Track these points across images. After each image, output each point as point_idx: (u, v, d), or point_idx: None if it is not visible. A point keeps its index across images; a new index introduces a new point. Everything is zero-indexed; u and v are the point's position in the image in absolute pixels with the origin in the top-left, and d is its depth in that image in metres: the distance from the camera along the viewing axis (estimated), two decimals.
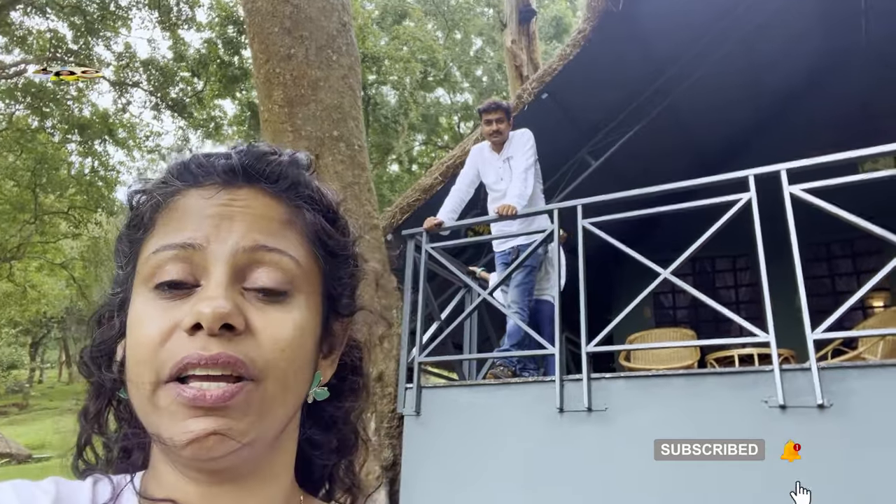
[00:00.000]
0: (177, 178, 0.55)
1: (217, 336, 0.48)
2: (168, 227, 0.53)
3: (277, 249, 0.52)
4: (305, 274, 0.54)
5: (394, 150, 19.86)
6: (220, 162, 0.55)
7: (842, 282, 8.06)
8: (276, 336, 0.50)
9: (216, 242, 0.51)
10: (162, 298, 0.50)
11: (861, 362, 3.34)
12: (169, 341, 0.49)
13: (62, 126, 15.36)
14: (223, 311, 0.48)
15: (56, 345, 39.12)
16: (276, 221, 0.54)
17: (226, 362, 0.48)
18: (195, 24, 14.86)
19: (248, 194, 0.54)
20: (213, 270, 0.50)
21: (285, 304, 0.52)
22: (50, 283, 23.18)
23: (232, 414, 0.48)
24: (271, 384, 0.50)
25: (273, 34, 4.73)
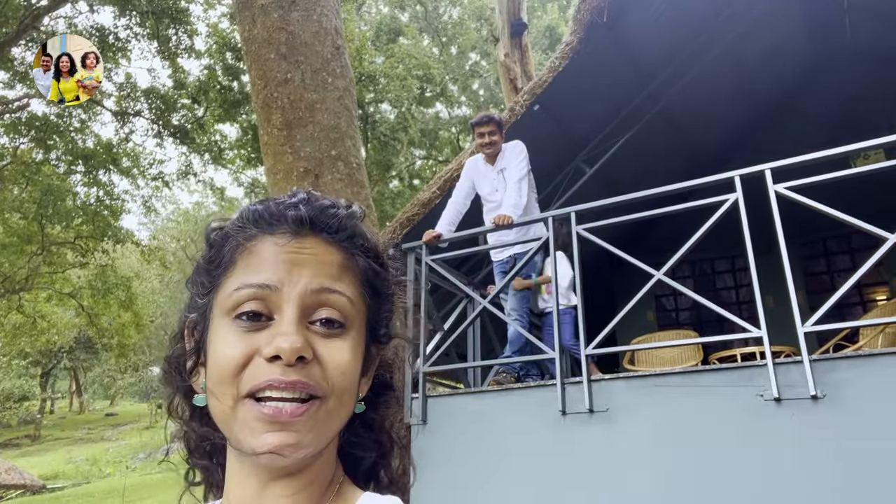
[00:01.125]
0: (252, 225, 0.67)
1: (293, 366, 0.60)
2: (248, 268, 0.64)
3: (337, 291, 0.64)
4: (356, 310, 0.66)
5: (394, 166, 20.02)
6: (290, 213, 0.66)
7: (840, 278, 8.11)
8: (337, 363, 0.63)
9: (288, 285, 0.63)
10: (241, 327, 0.62)
11: (851, 353, 3.41)
12: (249, 365, 0.61)
13: (66, 158, 15.56)
14: (298, 346, 0.60)
15: (66, 375, 39.21)
16: (336, 266, 0.66)
17: (302, 386, 0.60)
18: (194, 53, 15.10)
19: (313, 242, 0.66)
20: (286, 308, 0.62)
21: (343, 336, 0.64)
22: (59, 312, 23.33)
23: (301, 428, 0.60)
24: (333, 401, 0.62)
25: (269, 60, 4.89)
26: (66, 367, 35.82)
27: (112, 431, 27.91)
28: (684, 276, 8.29)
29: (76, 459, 20.41)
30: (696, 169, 7.67)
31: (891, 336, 4.97)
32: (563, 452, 3.76)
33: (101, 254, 17.52)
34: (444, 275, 4.70)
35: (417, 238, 4.90)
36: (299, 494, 0.65)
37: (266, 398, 0.59)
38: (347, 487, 0.70)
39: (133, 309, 19.51)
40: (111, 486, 15.33)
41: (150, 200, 18.81)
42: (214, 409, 0.63)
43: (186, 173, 16.91)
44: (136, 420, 30.38)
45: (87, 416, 34.39)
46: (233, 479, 0.66)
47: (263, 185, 19.65)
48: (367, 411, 0.74)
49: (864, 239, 7.83)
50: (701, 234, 3.76)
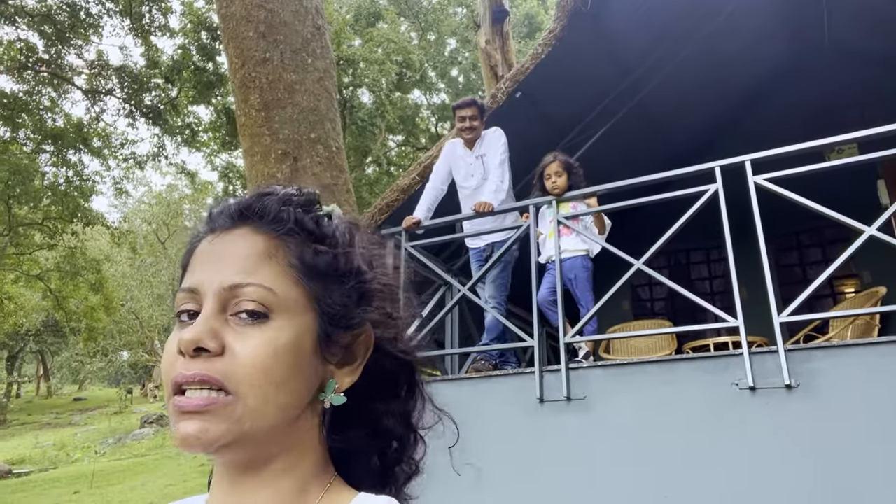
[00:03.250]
0: (204, 225, 0.69)
1: (195, 357, 0.59)
2: (188, 272, 0.67)
3: (251, 284, 0.62)
4: (285, 298, 0.63)
5: (371, 152, 19.88)
6: (227, 208, 0.67)
7: (812, 270, 8.26)
8: (246, 353, 0.60)
9: (208, 283, 0.63)
10: (178, 328, 0.64)
11: (825, 343, 3.47)
12: (174, 363, 0.61)
13: (35, 137, 15.16)
14: (192, 338, 0.59)
15: (33, 358, 38.48)
16: (254, 256, 0.64)
17: (202, 379, 0.59)
18: (168, 31, 14.76)
19: (238, 234, 0.65)
20: (205, 304, 0.62)
21: (262, 327, 0.61)
22: (26, 295, 22.83)
23: (209, 419, 0.58)
24: (250, 398, 0.59)
25: (248, 39, 4.78)
26: (33, 351, 35.14)
27: (80, 416, 27.47)
28: (660, 267, 8.36)
29: (43, 444, 20.03)
30: (674, 160, 7.70)
31: (860, 327, 5.08)
32: (541, 439, 3.77)
33: (71, 236, 17.15)
34: (423, 261, 4.67)
35: (397, 224, 4.86)
36: (270, 488, 0.63)
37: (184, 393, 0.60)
38: (339, 489, 0.66)
39: (102, 292, 19.19)
40: (79, 471, 15.09)
41: (121, 182, 18.43)
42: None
43: (158, 155, 16.57)
44: (104, 405, 29.94)
45: (55, 400, 33.79)
46: (214, 478, 0.67)
47: (237, 169, 19.37)
48: (358, 404, 0.69)
49: (836, 232, 7.97)
50: (682, 224, 3.78)
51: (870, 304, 5.31)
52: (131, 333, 28.95)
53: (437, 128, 22.39)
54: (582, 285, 4.42)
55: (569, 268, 4.40)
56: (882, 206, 6.67)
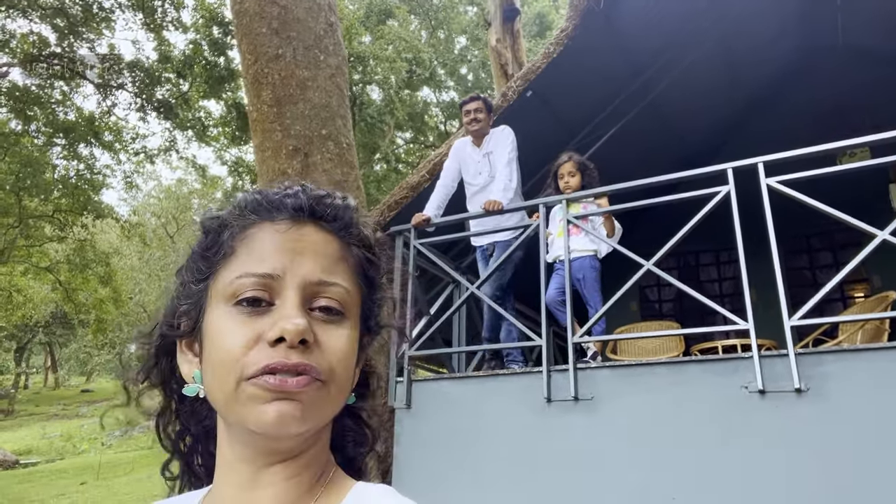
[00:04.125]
0: (251, 212, 0.68)
1: (295, 348, 0.60)
2: (250, 256, 0.65)
3: (336, 284, 0.65)
4: (353, 299, 0.67)
5: (380, 149, 19.88)
6: (289, 201, 0.67)
7: (822, 274, 8.22)
8: (336, 348, 0.64)
9: (290, 273, 0.63)
10: (242, 313, 0.62)
11: (835, 347, 3.45)
12: (252, 350, 0.60)
13: (46, 130, 15.23)
14: (303, 328, 0.60)
15: (41, 350, 38.71)
16: (334, 257, 0.67)
17: (304, 369, 0.60)
18: (180, 26, 14.80)
19: (312, 231, 0.67)
20: (288, 294, 0.63)
21: (340, 324, 0.65)
22: (35, 287, 22.97)
23: (305, 401, 0.60)
24: (333, 387, 0.63)
25: (261, 35, 4.79)
26: (41, 342, 35.35)
27: (87, 408, 27.65)
28: (669, 268, 8.33)
29: (50, 435, 20.19)
30: (684, 161, 7.68)
31: (870, 332, 5.04)
32: (547, 439, 3.77)
33: (80, 228, 17.25)
34: (432, 259, 4.67)
35: (405, 221, 4.87)
36: (292, 480, 0.65)
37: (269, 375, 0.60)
38: (339, 477, 0.69)
39: (111, 285, 19.28)
40: (86, 462, 15.20)
41: (131, 176, 18.51)
42: (214, 393, 0.63)
43: (170, 149, 16.63)
44: (111, 397, 30.11)
45: (62, 391, 34.02)
46: (224, 467, 0.66)
47: (247, 164, 19.41)
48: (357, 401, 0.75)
49: (846, 235, 7.92)
50: (693, 225, 3.76)
51: (880, 308, 5.27)
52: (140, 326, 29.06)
53: (446, 125, 22.36)
54: (590, 285, 4.41)
55: (577, 268, 4.39)
56: (893, 210, 6.62)
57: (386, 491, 0.67)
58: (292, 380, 0.59)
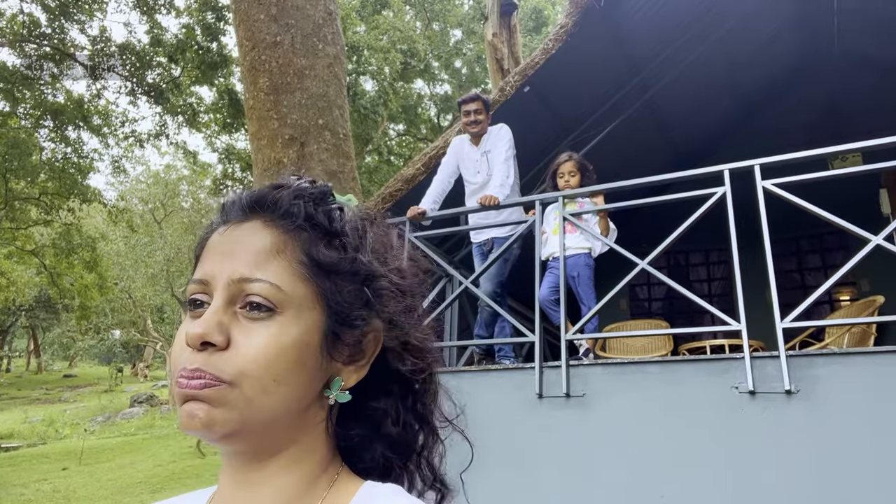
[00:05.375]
0: (218, 217, 0.69)
1: (200, 351, 0.60)
2: (200, 262, 0.67)
3: (258, 280, 0.62)
4: (292, 294, 0.63)
5: (372, 140, 19.80)
6: (241, 200, 0.68)
7: (810, 276, 8.30)
8: (250, 348, 0.61)
9: (218, 276, 0.64)
10: (187, 318, 0.65)
11: (826, 350, 3.49)
12: (181, 353, 0.62)
13: (34, 112, 15.01)
14: (199, 332, 0.60)
15: (24, 333, 38.37)
16: (264, 252, 0.64)
17: (199, 375, 0.60)
18: (173, 9, 14.62)
19: (249, 228, 0.65)
20: (215, 296, 0.63)
21: (267, 322, 0.62)
22: (19, 270, 22.71)
23: (212, 404, 0.59)
24: (247, 388, 0.60)
25: (259, 21, 4.74)
26: (24, 326, 35.04)
27: (70, 393, 27.43)
28: (659, 267, 8.38)
29: (32, 419, 20.01)
30: (679, 160, 7.74)
31: (857, 335, 5.10)
32: (539, 436, 3.78)
33: (67, 212, 17.04)
34: (426, 252, 4.66)
35: (399, 214, 4.85)
36: (280, 479, 0.64)
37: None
38: (346, 479, 0.68)
39: (97, 270, 19.07)
40: (68, 447, 15.09)
41: (119, 160, 18.29)
42: None
43: (160, 134, 16.45)
44: (95, 382, 29.90)
45: (45, 376, 33.73)
46: (221, 471, 0.68)
47: (238, 152, 19.26)
48: (366, 401, 0.70)
49: (836, 239, 8.00)
50: (689, 225, 3.78)
51: (867, 312, 5.33)
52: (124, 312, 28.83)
53: (439, 118, 22.30)
54: (584, 283, 4.42)
55: (571, 265, 4.40)
56: (883, 216, 6.69)
57: (395, 490, 0.65)
58: (192, 381, 0.60)
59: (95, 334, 31.27)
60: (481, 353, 4.78)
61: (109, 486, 10.85)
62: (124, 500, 9.86)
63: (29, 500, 10.02)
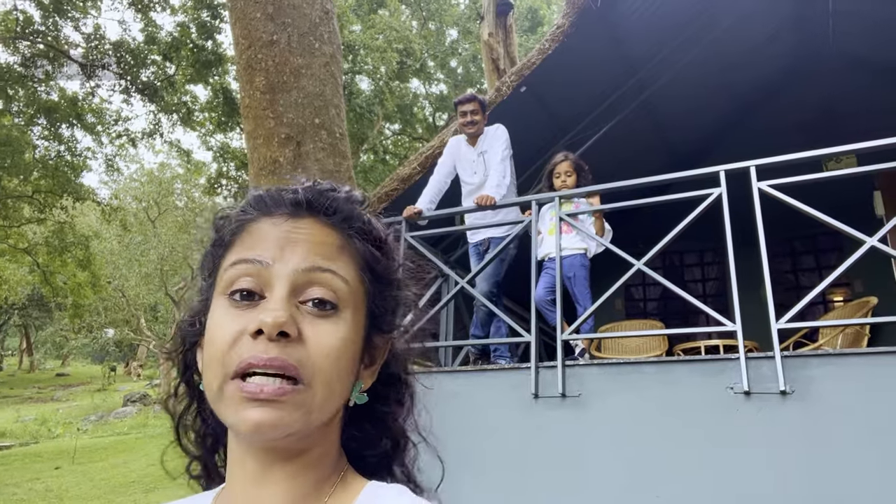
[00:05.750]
0: (253, 208, 0.67)
1: (275, 341, 0.58)
2: (243, 245, 0.64)
3: (330, 270, 0.63)
4: (352, 293, 0.64)
5: (368, 139, 19.78)
6: (289, 196, 0.66)
7: (804, 277, 8.34)
8: (323, 344, 0.61)
9: (280, 262, 0.62)
10: (234, 307, 0.62)
11: (821, 351, 3.50)
12: (237, 344, 0.59)
13: (27, 110, 14.93)
14: (281, 321, 0.58)
15: (17, 332, 38.16)
16: (331, 246, 0.64)
17: (281, 365, 0.58)
18: (168, 7, 14.57)
19: (309, 223, 0.65)
20: (276, 285, 0.61)
21: (333, 318, 0.62)
22: (12, 268, 22.59)
23: (283, 408, 0.58)
24: (319, 388, 0.60)
25: (255, 20, 4.72)
26: (17, 325, 34.85)
27: (63, 392, 27.30)
28: (654, 267, 8.34)
29: (25, 418, 19.89)
30: (675, 160, 7.76)
31: (850, 336, 5.12)
32: (534, 435, 3.78)
33: (60, 210, 16.95)
34: (422, 252, 4.66)
35: (396, 214, 4.85)
36: (298, 479, 0.64)
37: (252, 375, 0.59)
38: (352, 477, 0.68)
39: (90, 269, 18.99)
40: (61, 446, 15.02)
41: (113, 159, 18.21)
42: (207, 389, 0.62)
43: (154, 133, 16.38)
44: (87, 381, 29.76)
45: (38, 374, 33.55)
46: (234, 463, 0.66)
47: (233, 151, 19.20)
48: (374, 404, 0.72)
49: (830, 240, 8.03)
50: (686, 225, 3.79)
51: (861, 313, 5.35)
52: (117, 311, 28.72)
53: (435, 118, 22.29)
54: (580, 283, 4.43)
55: (567, 266, 4.40)
56: (877, 217, 6.72)
57: (400, 490, 0.66)
58: (269, 387, 0.57)
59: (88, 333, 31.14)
60: (477, 353, 4.79)
61: (102, 486, 10.80)
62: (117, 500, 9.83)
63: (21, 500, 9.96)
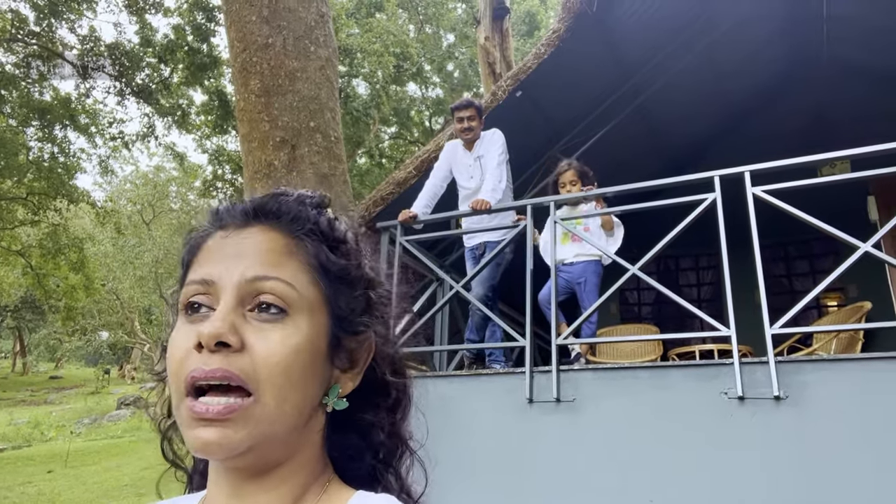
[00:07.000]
0: (210, 222, 0.68)
1: (215, 352, 0.57)
2: (197, 265, 0.65)
3: (273, 277, 0.62)
4: (304, 297, 0.63)
5: (364, 143, 19.77)
6: (239, 206, 0.67)
7: (798, 281, 8.35)
8: (268, 351, 0.59)
9: (226, 276, 0.62)
10: (185, 322, 0.62)
11: (815, 356, 3.51)
12: (187, 359, 0.59)
13: (21, 111, 14.87)
14: (218, 331, 0.57)
15: (10, 334, 37.96)
16: (277, 252, 0.63)
17: (223, 375, 0.57)
18: (163, 9, 14.55)
19: (255, 231, 0.65)
20: (222, 298, 0.61)
21: (282, 324, 0.61)
22: (5, 270, 22.49)
23: (231, 426, 0.57)
24: (269, 398, 0.58)
25: (251, 23, 4.72)
26: (10, 327, 34.66)
27: (56, 395, 27.15)
28: (649, 272, 8.36)
29: (18, 421, 19.77)
30: (669, 165, 7.79)
31: (844, 341, 5.13)
32: (528, 440, 3.78)
33: (54, 212, 16.88)
34: (417, 256, 4.65)
35: (391, 217, 4.84)
36: (275, 492, 0.63)
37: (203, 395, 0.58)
38: (337, 488, 0.67)
39: (84, 272, 18.89)
40: (53, 450, 14.93)
41: (106, 160, 18.15)
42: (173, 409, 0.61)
43: (147, 135, 16.34)
44: (81, 384, 29.61)
45: (31, 377, 33.36)
46: (213, 473, 0.65)
47: (228, 154, 19.17)
48: (356, 411, 0.69)
49: (824, 245, 8.06)
50: (679, 231, 3.79)
51: (855, 318, 5.37)
52: (111, 314, 28.65)
53: (431, 122, 22.30)
54: (590, 289, 4.48)
55: (580, 271, 4.45)
56: (871, 222, 6.75)
57: (389, 500, 0.65)
58: (214, 407, 0.57)
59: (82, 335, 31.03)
60: (472, 357, 4.78)
61: (95, 489, 10.74)
62: None
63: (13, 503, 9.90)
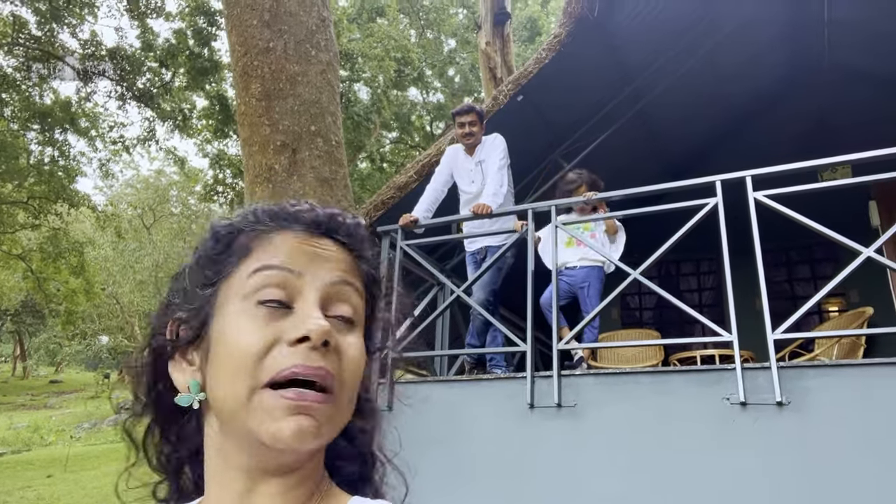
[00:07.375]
0: (269, 220, 0.67)
1: (318, 350, 0.59)
2: (268, 253, 0.64)
3: (354, 284, 0.66)
4: (361, 312, 0.67)
5: (365, 147, 19.79)
6: (306, 214, 0.68)
7: (800, 287, 8.34)
8: (352, 355, 0.63)
9: (310, 274, 0.63)
10: (261, 312, 0.61)
11: (818, 362, 3.49)
12: (271, 353, 0.59)
13: (22, 114, 14.88)
14: (328, 329, 0.59)
15: (10, 338, 37.93)
16: (350, 266, 0.67)
17: (326, 374, 0.59)
18: (164, 14, 14.58)
19: (328, 242, 0.67)
20: (307, 295, 0.62)
21: (353, 332, 0.65)
22: (5, 274, 22.48)
23: (320, 417, 0.59)
24: (344, 398, 0.61)
25: (252, 27, 4.72)
26: (9, 331, 34.64)
27: (56, 399, 27.12)
28: (650, 277, 8.36)
29: (17, 426, 19.75)
30: (670, 170, 7.77)
31: (846, 346, 5.12)
32: (529, 446, 3.76)
33: (55, 216, 16.88)
34: (418, 260, 4.64)
35: (391, 221, 4.83)
36: (288, 494, 0.62)
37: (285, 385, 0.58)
38: (335, 493, 0.67)
39: (84, 276, 18.88)
40: (53, 454, 14.90)
41: (107, 164, 18.17)
42: (222, 401, 0.60)
43: (148, 139, 16.35)
44: (81, 388, 29.58)
45: (31, 381, 33.33)
46: (216, 477, 0.64)
47: (229, 158, 19.18)
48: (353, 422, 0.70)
49: (825, 250, 8.04)
50: (681, 235, 3.78)
51: (856, 324, 5.36)
52: (111, 318, 28.62)
53: (432, 127, 22.32)
54: (593, 294, 4.49)
55: (584, 276, 4.46)
56: (873, 227, 6.73)
57: None
58: (310, 394, 0.58)
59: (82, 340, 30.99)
60: (472, 362, 4.76)
61: (94, 494, 10.70)
62: None
63: None
